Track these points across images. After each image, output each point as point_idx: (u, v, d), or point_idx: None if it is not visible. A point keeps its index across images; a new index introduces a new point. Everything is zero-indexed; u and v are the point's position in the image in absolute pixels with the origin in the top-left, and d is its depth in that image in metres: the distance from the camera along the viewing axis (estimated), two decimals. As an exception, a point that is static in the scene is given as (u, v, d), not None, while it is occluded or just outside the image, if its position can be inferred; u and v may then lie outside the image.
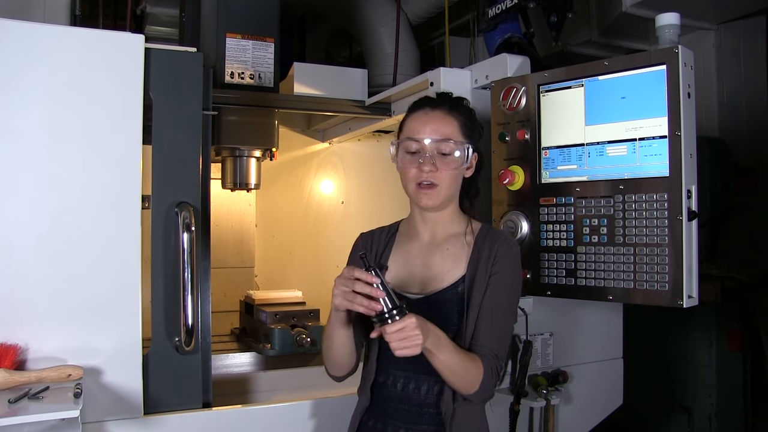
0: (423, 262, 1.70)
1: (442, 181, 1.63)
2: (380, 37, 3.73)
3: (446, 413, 1.61)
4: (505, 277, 1.63)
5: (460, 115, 1.68)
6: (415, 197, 1.67)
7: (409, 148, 1.66)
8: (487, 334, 1.60)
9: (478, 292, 1.62)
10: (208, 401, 1.99)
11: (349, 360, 1.69)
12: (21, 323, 1.72)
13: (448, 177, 1.64)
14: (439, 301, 1.64)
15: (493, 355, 1.58)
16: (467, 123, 1.69)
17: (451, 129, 1.65)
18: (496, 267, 1.62)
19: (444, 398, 1.62)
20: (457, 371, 1.53)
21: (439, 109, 1.67)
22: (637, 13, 3.87)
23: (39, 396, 1.57)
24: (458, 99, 1.74)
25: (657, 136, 1.82)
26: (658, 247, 1.81)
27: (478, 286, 1.62)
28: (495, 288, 1.62)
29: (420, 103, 1.72)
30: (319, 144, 3.48)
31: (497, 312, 1.62)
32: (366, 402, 1.71)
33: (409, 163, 1.65)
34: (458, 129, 1.65)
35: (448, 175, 1.63)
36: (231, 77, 2.59)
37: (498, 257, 1.63)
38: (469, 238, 1.69)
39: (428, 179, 1.62)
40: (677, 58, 1.77)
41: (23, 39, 1.76)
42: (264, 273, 3.39)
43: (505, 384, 2.33)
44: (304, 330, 2.48)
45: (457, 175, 1.66)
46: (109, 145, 1.85)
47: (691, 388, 3.84)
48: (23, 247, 1.75)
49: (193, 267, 1.88)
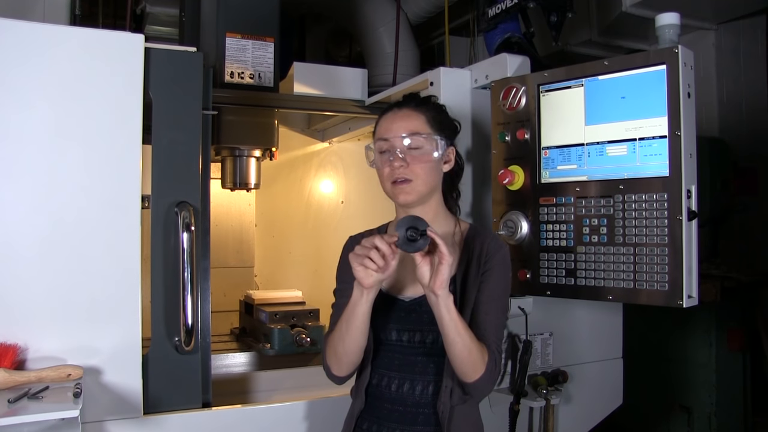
0: (413, 263, 1.56)
1: (416, 176, 1.64)
2: (380, 37, 3.73)
3: (443, 413, 1.61)
4: (498, 274, 1.65)
5: (428, 110, 1.72)
6: (392, 195, 1.69)
7: (381, 149, 1.69)
8: (487, 330, 1.61)
9: (470, 292, 1.63)
10: (207, 401, 1.99)
11: (359, 354, 1.66)
12: (20, 323, 1.72)
13: (422, 170, 1.65)
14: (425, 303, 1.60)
15: (495, 349, 1.60)
16: (436, 116, 1.72)
17: (417, 123, 1.68)
18: (488, 264, 1.64)
19: (441, 398, 1.62)
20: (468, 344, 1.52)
21: (406, 107, 1.72)
22: (637, 13, 3.87)
23: (39, 396, 1.56)
24: (425, 97, 1.79)
25: (657, 136, 1.82)
26: (657, 247, 1.81)
27: (470, 285, 1.64)
28: (490, 285, 1.64)
29: (389, 106, 1.77)
30: (319, 144, 3.48)
31: (494, 308, 1.64)
32: (361, 405, 1.71)
33: (382, 163, 1.69)
34: (425, 122, 1.69)
35: (421, 168, 1.65)
36: (231, 77, 2.59)
37: (490, 255, 1.65)
38: (457, 238, 1.72)
39: (402, 176, 1.64)
40: (677, 58, 1.77)
41: (23, 38, 1.76)
42: (264, 273, 3.39)
43: (505, 384, 2.33)
44: (303, 330, 2.48)
45: (431, 168, 1.67)
46: (108, 145, 1.84)
47: (690, 387, 3.84)
48: (23, 247, 1.75)
49: (192, 267, 1.88)
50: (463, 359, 1.53)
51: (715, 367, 3.74)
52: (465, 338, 1.51)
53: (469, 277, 1.65)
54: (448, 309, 1.49)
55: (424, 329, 1.65)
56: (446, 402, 1.61)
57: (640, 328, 3.66)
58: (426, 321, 1.63)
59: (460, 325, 1.51)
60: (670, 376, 3.93)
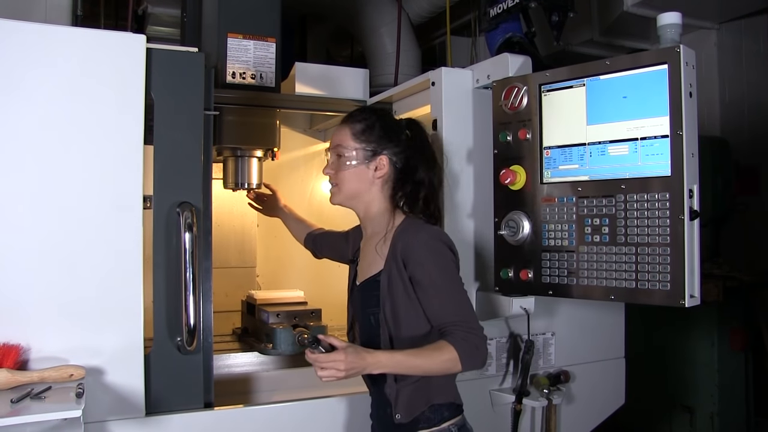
0: (363, 254, 1.98)
1: (339, 181, 1.90)
2: (381, 37, 3.73)
3: (390, 395, 1.78)
4: (422, 262, 1.77)
5: (355, 123, 1.91)
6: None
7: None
8: (443, 315, 1.75)
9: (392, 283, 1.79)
10: (209, 401, 2.00)
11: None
12: (23, 323, 1.73)
13: (344, 177, 1.89)
14: (363, 289, 1.90)
15: (460, 326, 1.72)
16: (363, 129, 1.90)
17: (341, 136, 1.91)
18: (408, 260, 1.78)
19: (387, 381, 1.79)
20: (431, 369, 1.71)
21: (343, 121, 1.96)
22: (638, 13, 3.86)
23: (41, 396, 1.57)
24: (360, 108, 2.02)
25: (658, 136, 1.82)
26: (659, 247, 1.80)
27: (392, 277, 1.79)
28: (424, 275, 1.76)
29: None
30: (321, 144, 3.47)
31: (438, 292, 1.76)
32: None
33: None
34: (350, 135, 1.90)
35: (342, 175, 1.89)
36: (232, 77, 2.59)
37: (405, 251, 1.78)
38: (390, 232, 1.87)
39: (331, 181, 1.93)
40: (679, 58, 1.77)
41: (24, 39, 1.77)
42: (265, 273, 3.39)
43: (507, 384, 2.34)
44: (305, 330, 2.47)
45: (353, 175, 1.88)
46: (110, 145, 1.85)
47: (693, 387, 3.84)
48: (25, 248, 1.75)
49: (194, 267, 1.88)
50: (438, 373, 1.74)
51: (717, 367, 3.74)
52: (422, 365, 1.70)
53: (391, 271, 1.80)
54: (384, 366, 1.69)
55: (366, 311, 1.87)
56: (392, 384, 1.77)
57: (642, 327, 3.67)
58: (360, 305, 1.89)
59: (407, 363, 1.69)
60: (672, 376, 3.93)
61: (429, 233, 1.82)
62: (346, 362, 1.64)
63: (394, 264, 1.79)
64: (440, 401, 1.80)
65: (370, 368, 1.68)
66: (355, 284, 1.98)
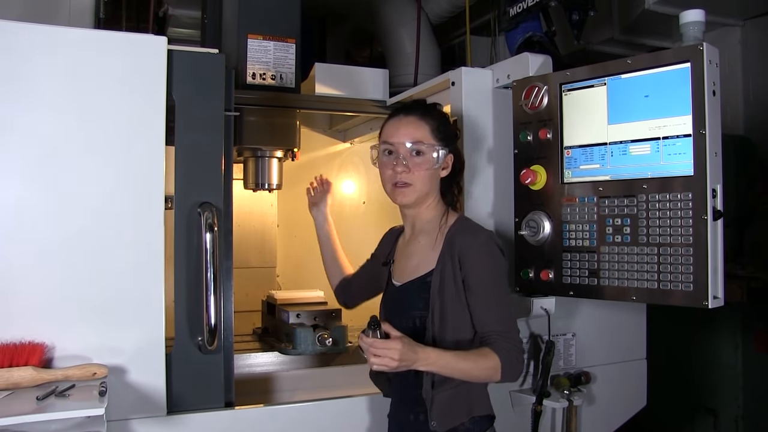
0: (405, 254, 1.91)
1: (415, 181, 1.79)
2: (401, 37, 3.72)
3: (426, 398, 1.72)
4: (477, 266, 1.73)
5: (432, 120, 1.83)
6: (391, 196, 1.85)
7: (385, 151, 1.83)
8: (490, 323, 1.72)
9: (445, 284, 1.73)
10: (230, 400, 2.01)
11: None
12: (47, 322, 1.75)
13: (421, 177, 1.79)
14: (407, 290, 1.83)
15: (504, 337, 1.70)
16: (439, 127, 1.83)
17: (423, 133, 1.80)
18: (464, 260, 1.73)
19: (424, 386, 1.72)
20: (473, 375, 1.68)
21: (412, 114, 1.83)
22: (660, 11, 3.82)
23: (65, 394, 1.60)
24: (431, 105, 1.90)
25: (681, 135, 1.80)
26: (682, 247, 1.78)
27: (445, 278, 1.74)
28: (474, 279, 1.72)
29: (396, 109, 1.89)
30: (341, 144, 3.48)
31: (488, 298, 1.73)
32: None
33: (384, 166, 1.84)
34: (429, 132, 1.81)
35: (420, 175, 1.79)
36: (252, 78, 2.60)
37: (463, 251, 1.73)
38: (443, 231, 1.82)
39: (403, 180, 1.79)
40: (702, 56, 1.75)
41: (49, 42, 1.79)
42: (286, 273, 3.40)
43: (527, 384, 2.32)
44: (326, 330, 2.48)
45: (430, 175, 1.81)
46: (132, 146, 1.87)
47: (716, 390, 3.79)
48: (49, 248, 1.78)
49: (215, 267, 1.89)
50: (477, 379, 1.72)
51: (741, 369, 3.69)
52: (466, 368, 1.66)
53: (444, 271, 1.74)
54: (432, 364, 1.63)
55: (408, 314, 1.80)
56: (428, 390, 1.71)
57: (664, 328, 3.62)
58: (402, 306, 1.81)
59: (453, 365, 1.65)
60: (695, 378, 3.88)
61: (487, 235, 1.79)
62: (401, 352, 1.57)
63: (449, 263, 1.74)
64: (480, 413, 1.76)
65: (420, 363, 1.61)
66: (392, 285, 1.92)
